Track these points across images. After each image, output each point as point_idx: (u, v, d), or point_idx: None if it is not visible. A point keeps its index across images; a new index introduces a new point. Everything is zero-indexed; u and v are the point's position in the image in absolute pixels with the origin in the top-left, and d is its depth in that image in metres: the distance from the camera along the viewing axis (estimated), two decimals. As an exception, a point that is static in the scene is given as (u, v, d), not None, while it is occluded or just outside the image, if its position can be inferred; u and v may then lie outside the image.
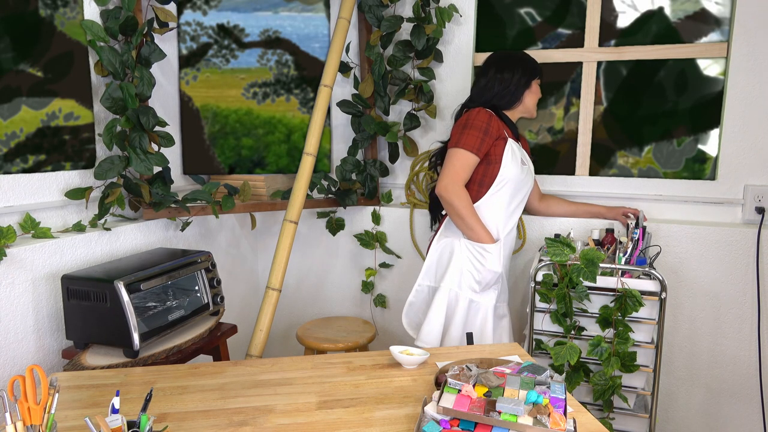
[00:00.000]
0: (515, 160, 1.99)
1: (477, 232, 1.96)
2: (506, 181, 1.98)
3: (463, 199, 1.93)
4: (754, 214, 2.21)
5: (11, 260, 1.65)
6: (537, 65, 2.10)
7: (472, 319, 2.01)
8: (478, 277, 1.98)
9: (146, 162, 2.01)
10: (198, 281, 2.01)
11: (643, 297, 1.90)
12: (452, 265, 2.01)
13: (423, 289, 2.11)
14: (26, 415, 1.00)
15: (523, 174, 2.01)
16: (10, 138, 1.75)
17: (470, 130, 1.95)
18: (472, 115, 1.98)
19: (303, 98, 2.54)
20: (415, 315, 2.13)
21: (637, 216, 2.25)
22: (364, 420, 1.25)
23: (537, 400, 1.18)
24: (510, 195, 2.01)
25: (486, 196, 1.99)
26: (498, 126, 1.98)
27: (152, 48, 2.05)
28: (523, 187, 2.06)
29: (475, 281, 1.99)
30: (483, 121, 1.95)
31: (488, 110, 2.01)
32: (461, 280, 2.00)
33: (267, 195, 2.47)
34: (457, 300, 2.00)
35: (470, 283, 1.99)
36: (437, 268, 2.08)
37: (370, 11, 2.42)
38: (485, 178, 1.99)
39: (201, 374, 1.50)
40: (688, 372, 2.33)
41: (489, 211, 2.00)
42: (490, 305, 2.02)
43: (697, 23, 2.25)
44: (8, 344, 1.66)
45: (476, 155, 1.94)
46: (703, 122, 2.30)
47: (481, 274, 1.98)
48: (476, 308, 2.01)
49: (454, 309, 2.01)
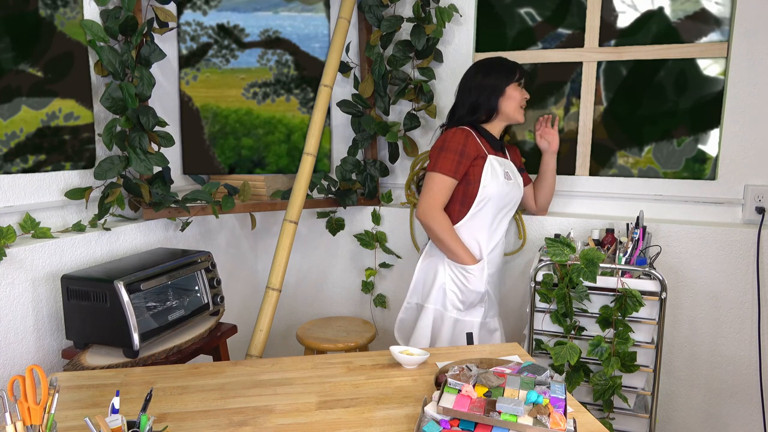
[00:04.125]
0: (496, 177, 1.96)
1: (458, 255, 1.95)
2: (488, 199, 1.96)
3: (441, 223, 1.92)
4: (754, 214, 2.21)
5: (11, 260, 1.65)
6: (511, 69, 2.02)
7: (457, 337, 2.02)
8: (461, 297, 1.99)
9: (146, 162, 2.01)
10: (198, 281, 2.01)
11: (643, 297, 1.90)
12: (436, 285, 2.01)
13: (412, 306, 2.11)
14: (26, 415, 1.00)
15: (507, 188, 1.98)
16: (10, 138, 1.75)
17: (446, 153, 1.93)
18: (448, 137, 1.95)
19: (303, 98, 2.54)
20: (406, 331, 2.13)
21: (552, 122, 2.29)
22: (364, 420, 1.25)
23: (537, 400, 1.18)
24: (493, 212, 1.99)
25: (468, 216, 1.97)
26: (475, 145, 1.95)
27: (152, 48, 2.05)
28: (509, 202, 2.04)
29: (458, 301, 1.99)
30: (459, 143, 1.93)
31: (465, 129, 1.98)
32: (445, 300, 2.00)
33: (267, 195, 2.47)
34: (442, 319, 2.01)
35: (454, 303, 1.99)
36: (423, 287, 2.08)
37: (370, 11, 2.41)
38: (466, 198, 1.97)
39: (201, 374, 1.50)
40: (688, 372, 2.33)
41: (471, 231, 1.99)
42: (477, 322, 2.01)
43: (697, 23, 2.25)
44: (8, 344, 1.66)
45: (453, 178, 1.93)
46: (703, 122, 2.30)
47: (465, 294, 1.98)
48: (462, 326, 2.01)
49: (440, 328, 2.01)
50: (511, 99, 2.01)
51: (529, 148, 2.54)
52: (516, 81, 2.02)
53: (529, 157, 2.51)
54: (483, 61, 2.07)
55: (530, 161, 2.51)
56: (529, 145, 2.54)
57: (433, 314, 2.02)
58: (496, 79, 2.00)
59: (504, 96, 2.01)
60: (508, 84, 2.00)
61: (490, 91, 2.00)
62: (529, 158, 2.51)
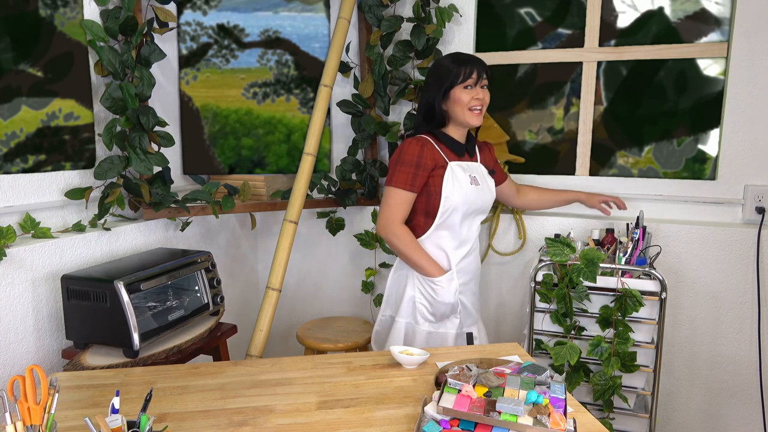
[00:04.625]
0: (459, 185, 1.85)
1: (423, 268, 1.87)
2: (452, 209, 1.86)
3: (402, 238, 1.85)
4: (754, 214, 2.21)
5: (11, 260, 1.65)
6: (456, 70, 1.84)
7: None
8: (431, 309, 1.92)
9: (146, 162, 2.01)
10: (198, 281, 2.01)
11: (643, 297, 1.90)
12: (405, 298, 1.95)
13: (386, 319, 2.05)
14: (26, 415, 1.00)
15: (473, 195, 1.87)
16: (10, 138, 1.75)
17: (401, 166, 1.84)
18: (403, 149, 1.86)
19: (303, 98, 2.54)
20: (380, 344, 2.08)
21: (617, 204, 2.24)
22: (364, 420, 1.25)
23: (537, 400, 1.18)
24: (460, 221, 1.89)
25: (433, 227, 1.88)
26: (432, 155, 1.85)
27: (152, 48, 2.05)
28: (478, 208, 1.93)
29: (428, 313, 1.92)
30: (413, 155, 1.83)
31: (422, 138, 1.88)
32: (415, 313, 1.94)
33: (267, 195, 2.47)
34: (414, 332, 1.95)
35: (425, 315, 1.93)
36: (395, 300, 2.02)
37: (370, 11, 2.41)
38: (429, 209, 1.88)
39: (201, 374, 1.50)
40: (688, 372, 2.33)
41: (437, 241, 1.91)
42: (452, 333, 1.94)
43: (697, 23, 2.25)
44: (8, 344, 1.66)
45: (411, 191, 1.84)
46: (703, 122, 2.30)
47: (434, 307, 1.91)
48: (436, 338, 1.94)
49: (412, 341, 1.95)
50: (457, 103, 1.85)
51: (529, 148, 2.54)
52: (462, 82, 1.84)
53: (529, 157, 2.51)
54: (435, 62, 1.95)
55: (530, 161, 2.51)
56: (529, 145, 2.54)
57: (404, 327, 1.96)
58: (439, 81, 1.87)
59: (449, 99, 1.87)
60: (452, 86, 1.85)
61: (434, 95, 1.88)
62: (529, 158, 2.52)
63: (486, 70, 1.88)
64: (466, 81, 1.83)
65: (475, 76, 1.84)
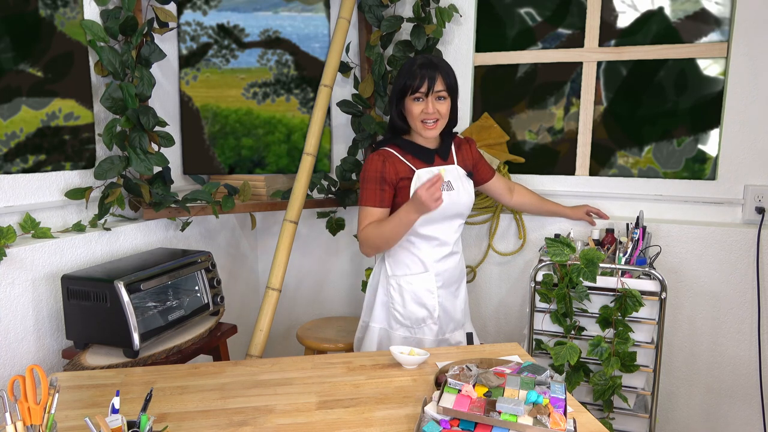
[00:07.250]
0: None
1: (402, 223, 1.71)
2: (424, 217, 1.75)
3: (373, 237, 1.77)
4: (754, 214, 2.21)
5: (11, 260, 1.65)
6: (405, 81, 1.74)
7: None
8: (404, 313, 1.87)
9: (146, 162, 2.01)
10: (198, 281, 2.01)
11: (643, 297, 1.90)
12: (377, 303, 1.92)
13: (364, 325, 2.01)
14: (26, 415, 1.00)
15: (446, 200, 1.75)
16: (10, 138, 1.75)
17: (366, 183, 1.79)
18: (365, 166, 1.81)
19: (303, 98, 2.54)
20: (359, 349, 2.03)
21: (599, 215, 2.25)
22: (364, 420, 1.25)
23: (537, 400, 1.18)
24: (434, 227, 1.82)
25: (409, 233, 1.81)
26: (394, 169, 1.78)
27: (152, 48, 2.05)
28: (454, 213, 1.84)
29: (402, 317, 1.88)
30: (375, 171, 1.77)
31: (382, 152, 1.81)
32: (389, 318, 1.90)
33: (267, 195, 2.47)
34: (389, 338, 1.91)
35: (399, 320, 1.89)
36: (372, 307, 1.97)
37: (370, 11, 2.41)
38: None
39: (201, 374, 1.50)
40: (688, 372, 2.33)
41: (412, 248, 1.85)
42: (429, 340, 1.89)
43: (697, 23, 2.25)
44: (8, 344, 1.66)
45: (381, 207, 1.78)
46: (703, 122, 2.30)
47: (407, 309, 1.87)
48: (413, 344, 1.87)
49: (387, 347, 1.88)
50: (408, 114, 1.77)
51: (529, 148, 2.54)
52: (411, 94, 1.73)
53: (529, 157, 2.51)
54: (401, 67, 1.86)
55: (530, 161, 2.51)
56: (529, 145, 2.54)
57: (378, 333, 1.93)
58: (393, 90, 1.80)
59: (405, 109, 1.78)
60: (403, 96, 1.76)
61: (391, 105, 1.82)
62: (529, 158, 2.51)
63: (445, 78, 1.74)
64: (415, 93, 1.73)
65: (425, 88, 1.71)
